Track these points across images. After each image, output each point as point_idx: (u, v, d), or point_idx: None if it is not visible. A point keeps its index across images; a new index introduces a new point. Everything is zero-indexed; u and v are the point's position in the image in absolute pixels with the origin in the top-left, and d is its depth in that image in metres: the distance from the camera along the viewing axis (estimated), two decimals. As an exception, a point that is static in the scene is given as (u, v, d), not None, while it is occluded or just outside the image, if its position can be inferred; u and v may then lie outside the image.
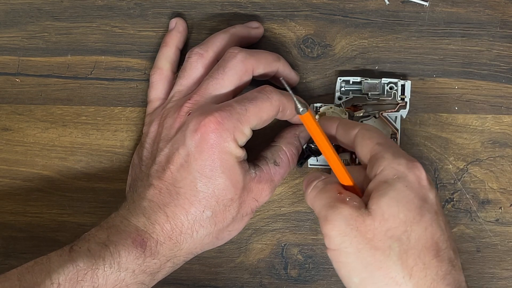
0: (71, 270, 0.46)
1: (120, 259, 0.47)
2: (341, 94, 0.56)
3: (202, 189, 0.49)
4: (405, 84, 0.55)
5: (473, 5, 0.57)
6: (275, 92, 0.51)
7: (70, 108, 0.59)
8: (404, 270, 0.43)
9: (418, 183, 0.46)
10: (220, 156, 0.48)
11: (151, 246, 0.48)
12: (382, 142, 0.48)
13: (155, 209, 0.49)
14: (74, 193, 0.58)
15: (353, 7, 0.58)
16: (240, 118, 0.49)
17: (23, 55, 0.59)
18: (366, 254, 0.44)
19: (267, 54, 0.54)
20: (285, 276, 0.57)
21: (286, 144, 0.54)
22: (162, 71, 0.56)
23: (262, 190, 0.51)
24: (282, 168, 0.53)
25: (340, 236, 0.45)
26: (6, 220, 0.58)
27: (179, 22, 0.57)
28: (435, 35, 0.57)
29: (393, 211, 0.44)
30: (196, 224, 0.49)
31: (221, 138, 0.48)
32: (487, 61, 0.57)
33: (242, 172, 0.50)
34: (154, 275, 0.49)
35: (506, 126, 0.56)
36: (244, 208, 0.51)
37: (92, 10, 0.59)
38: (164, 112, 0.53)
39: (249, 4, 0.58)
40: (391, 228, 0.44)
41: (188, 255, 0.51)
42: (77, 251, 0.47)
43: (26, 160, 0.58)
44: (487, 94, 0.57)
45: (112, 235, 0.48)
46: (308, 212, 0.57)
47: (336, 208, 0.45)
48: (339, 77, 0.56)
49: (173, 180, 0.49)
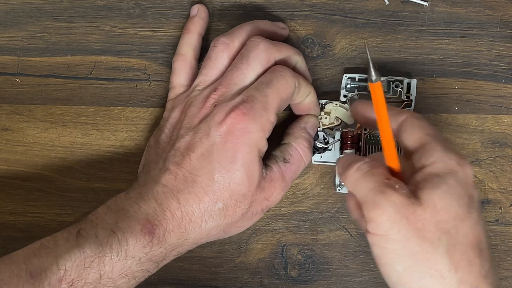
0: (78, 257, 0.46)
1: (128, 247, 0.47)
2: (346, 91, 0.56)
3: (218, 180, 0.49)
4: (411, 82, 0.55)
5: (473, 5, 0.57)
6: (288, 70, 0.51)
7: (70, 108, 0.59)
8: (451, 264, 0.43)
9: (467, 181, 0.45)
10: (243, 149, 0.49)
11: (159, 234, 0.48)
12: (432, 133, 0.47)
13: (168, 194, 0.49)
14: (74, 193, 0.58)
15: (353, 7, 0.58)
16: (263, 106, 0.49)
17: (23, 55, 0.59)
18: (414, 243, 0.43)
19: (288, 46, 0.54)
20: (285, 276, 0.57)
21: (294, 139, 0.54)
22: (185, 57, 0.55)
23: (273, 189, 0.51)
24: (293, 164, 0.53)
25: (389, 223, 0.44)
26: (6, 220, 0.58)
27: (201, 9, 0.57)
28: (435, 35, 0.57)
29: (445, 204, 0.44)
30: (207, 214, 0.49)
31: (247, 130, 0.48)
32: (487, 61, 0.57)
33: (259, 169, 0.50)
34: (158, 262, 0.49)
35: (506, 126, 0.56)
36: (255, 206, 0.51)
37: (92, 10, 0.59)
38: (188, 100, 0.53)
39: (249, 4, 0.58)
40: (442, 221, 0.43)
41: (193, 245, 0.51)
42: (85, 237, 0.47)
43: (26, 160, 0.58)
44: (487, 94, 0.57)
45: (120, 220, 0.48)
46: (308, 212, 0.57)
47: (386, 194, 0.44)
48: (345, 74, 0.56)
49: (191, 168, 0.49)
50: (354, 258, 0.57)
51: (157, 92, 0.58)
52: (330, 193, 0.57)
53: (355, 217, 0.48)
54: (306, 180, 0.57)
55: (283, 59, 0.53)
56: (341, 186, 0.56)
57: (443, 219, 0.43)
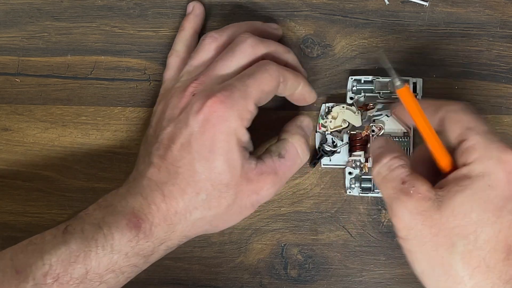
0: (63, 252, 0.46)
1: (114, 242, 0.47)
2: (352, 93, 0.56)
3: (199, 170, 0.48)
4: (417, 82, 0.55)
5: (473, 5, 0.57)
6: (273, 64, 0.50)
7: (70, 108, 0.59)
8: (465, 270, 0.43)
9: (507, 181, 0.43)
10: (221, 137, 0.48)
11: (146, 228, 0.48)
12: (472, 126, 0.45)
13: (153, 188, 0.49)
14: (74, 193, 0.58)
15: (353, 7, 0.58)
16: (242, 94, 0.48)
17: (23, 55, 0.59)
18: (429, 248, 0.44)
19: (277, 44, 0.54)
20: (285, 276, 0.57)
21: (291, 136, 0.53)
22: (178, 53, 0.56)
23: (264, 182, 0.50)
24: (288, 160, 0.52)
25: (406, 229, 0.44)
26: (6, 220, 0.58)
27: (196, 5, 0.57)
28: (435, 35, 0.57)
29: (465, 209, 0.43)
30: (191, 205, 0.49)
31: (224, 118, 0.48)
32: (487, 61, 0.57)
33: (240, 157, 0.49)
34: (147, 257, 0.49)
35: (506, 126, 0.56)
36: (242, 199, 0.50)
37: (92, 10, 0.59)
38: (171, 92, 0.53)
39: (249, 4, 0.58)
40: (459, 226, 0.43)
41: (182, 239, 0.50)
42: (71, 232, 0.47)
43: (26, 160, 0.58)
44: (487, 94, 0.57)
45: (107, 215, 0.48)
46: (308, 212, 0.57)
47: (400, 201, 0.44)
48: (350, 76, 0.56)
49: (173, 159, 0.49)
50: (354, 258, 0.57)
51: (157, 92, 0.58)
52: (330, 193, 0.57)
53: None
54: (306, 180, 0.57)
55: (273, 56, 0.53)
56: (351, 188, 0.56)
57: (461, 224, 0.43)
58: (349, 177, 0.56)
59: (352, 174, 0.56)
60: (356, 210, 0.57)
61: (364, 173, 0.56)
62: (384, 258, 0.56)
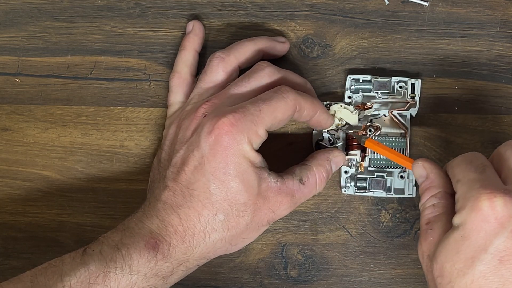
0: (82, 273, 0.46)
1: (132, 262, 0.47)
2: (351, 92, 0.56)
3: (215, 191, 0.48)
4: (415, 83, 0.55)
5: (473, 5, 0.57)
6: (291, 92, 0.50)
7: (70, 108, 0.59)
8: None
9: (481, 230, 0.42)
10: (234, 159, 0.48)
11: (164, 249, 0.48)
12: (460, 178, 0.45)
13: (169, 211, 0.49)
14: (74, 193, 0.58)
15: (353, 7, 0.58)
16: (254, 119, 0.48)
17: (23, 55, 0.59)
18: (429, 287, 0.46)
19: (295, 75, 0.54)
20: (285, 276, 0.57)
21: (317, 166, 0.53)
22: (180, 74, 0.56)
23: (281, 203, 0.51)
24: (306, 187, 0.52)
25: (423, 269, 0.47)
26: (6, 220, 0.58)
27: (196, 25, 0.57)
28: (435, 35, 0.57)
29: (442, 259, 0.44)
30: (209, 227, 0.49)
31: (234, 140, 0.48)
32: (487, 61, 0.57)
33: (256, 178, 0.49)
34: (166, 278, 0.49)
35: (506, 126, 0.56)
36: (260, 217, 0.50)
37: (92, 10, 0.59)
38: (182, 114, 0.53)
39: (249, 4, 0.58)
40: (439, 276, 0.44)
41: (201, 260, 0.50)
42: (90, 254, 0.47)
43: (26, 160, 0.58)
44: (487, 94, 0.57)
45: (125, 237, 0.48)
46: (308, 212, 0.57)
47: (419, 242, 0.47)
48: (349, 76, 0.56)
49: (187, 182, 0.49)
50: (354, 258, 0.57)
51: (157, 92, 0.58)
52: (330, 193, 0.57)
53: None
54: (306, 180, 0.57)
55: (290, 84, 0.52)
56: (347, 187, 0.56)
57: (440, 274, 0.44)
58: (344, 176, 0.56)
59: (348, 173, 0.56)
60: (356, 210, 0.57)
61: (359, 172, 0.56)
62: (384, 258, 0.56)
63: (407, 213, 0.56)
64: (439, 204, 0.47)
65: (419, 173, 0.49)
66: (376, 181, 0.55)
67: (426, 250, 0.46)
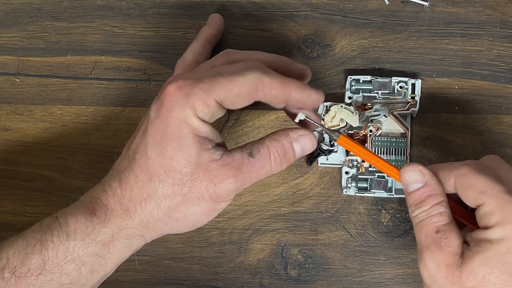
0: (20, 244, 0.47)
1: (68, 228, 0.47)
2: (351, 92, 0.56)
3: (151, 155, 0.47)
4: (416, 83, 0.55)
5: (473, 5, 0.57)
6: (254, 68, 0.47)
7: (70, 108, 0.59)
8: None
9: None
10: (174, 123, 0.46)
11: (100, 212, 0.47)
12: (486, 190, 0.45)
13: (113, 176, 0.49)
14: (74, 193, 0.58)
15: (353, 7, 0.58)
16: (204, 86, 0.46)
17: (23, 55, 0.59)
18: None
19: (276, 56, 0.52)
20: (285, 276, 0.57)
21: (272, 140, 0.49)
22: (185, 60, 0.55)
23: (225, 175, 0.47)
24: (257, 161, 0.48)
25: (430, 279, 0.45)
26: (6, 220, 0.58)
27: (213, 18, 0.57)
28: (435, 35, 0.57)
29: (484, 271, 0.44)
30: (145, 192, 0.48)
31: (177, 103, 0.46)
32: (487, 61, 0.57)
33: (196, 146, 0.47)
34: (107, 245, 0.48)
35: (506, 126, 0.56)
36: (199, 189, 0.47)
37: (92, 10, 0.59)
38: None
39: (249, 4, 0.58)
40: (477, 286, 0.44)
41: (143, 230, 0.48)
42: (30, 228, 0.48)
43: (26, 160, 0.58)
44: (487, 94, 0.57)
45: (67, 207, 0.48)
46: (308, 212, 0.57)
47: (429, 251, 0.45)
48: (349, 76, 0.56)
49: (134, 147, 0.48)
50: (354, 258, 0.57)
51: (157, 92, 0.58)
52: (330, 193, 0.57)
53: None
54: (306, 180, 0.57)
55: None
56: (348, 188, 0.56)
57: (479, 284, 0.44)
58: (345, 176, 0.56)
59: (349, 174, 0.56)
60: (356, 210, 0.57)
61: (360, 172, 0.56)
62: (384, 258, 0.56)
63: (407, 213, 0.56)
64: (446, 213, 0.46)
65: (415, 178, 0.48)
66: (377, 181, 0.55)
67: (443, 260, 0.45)
